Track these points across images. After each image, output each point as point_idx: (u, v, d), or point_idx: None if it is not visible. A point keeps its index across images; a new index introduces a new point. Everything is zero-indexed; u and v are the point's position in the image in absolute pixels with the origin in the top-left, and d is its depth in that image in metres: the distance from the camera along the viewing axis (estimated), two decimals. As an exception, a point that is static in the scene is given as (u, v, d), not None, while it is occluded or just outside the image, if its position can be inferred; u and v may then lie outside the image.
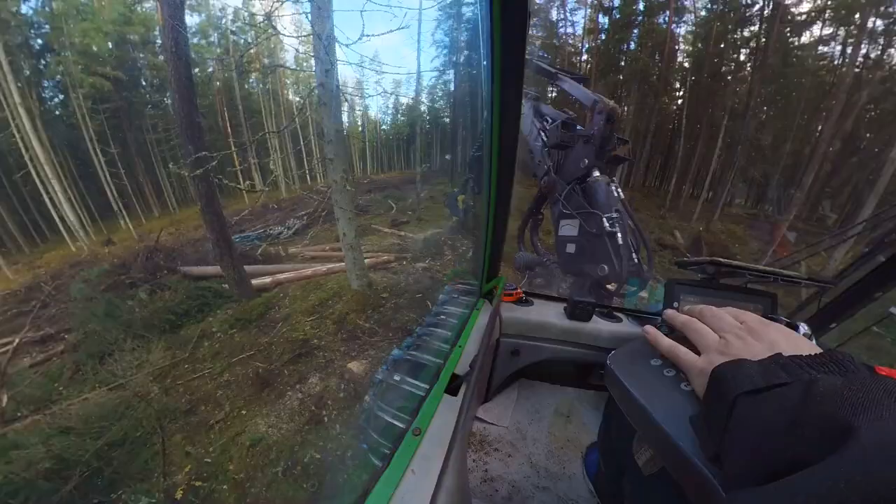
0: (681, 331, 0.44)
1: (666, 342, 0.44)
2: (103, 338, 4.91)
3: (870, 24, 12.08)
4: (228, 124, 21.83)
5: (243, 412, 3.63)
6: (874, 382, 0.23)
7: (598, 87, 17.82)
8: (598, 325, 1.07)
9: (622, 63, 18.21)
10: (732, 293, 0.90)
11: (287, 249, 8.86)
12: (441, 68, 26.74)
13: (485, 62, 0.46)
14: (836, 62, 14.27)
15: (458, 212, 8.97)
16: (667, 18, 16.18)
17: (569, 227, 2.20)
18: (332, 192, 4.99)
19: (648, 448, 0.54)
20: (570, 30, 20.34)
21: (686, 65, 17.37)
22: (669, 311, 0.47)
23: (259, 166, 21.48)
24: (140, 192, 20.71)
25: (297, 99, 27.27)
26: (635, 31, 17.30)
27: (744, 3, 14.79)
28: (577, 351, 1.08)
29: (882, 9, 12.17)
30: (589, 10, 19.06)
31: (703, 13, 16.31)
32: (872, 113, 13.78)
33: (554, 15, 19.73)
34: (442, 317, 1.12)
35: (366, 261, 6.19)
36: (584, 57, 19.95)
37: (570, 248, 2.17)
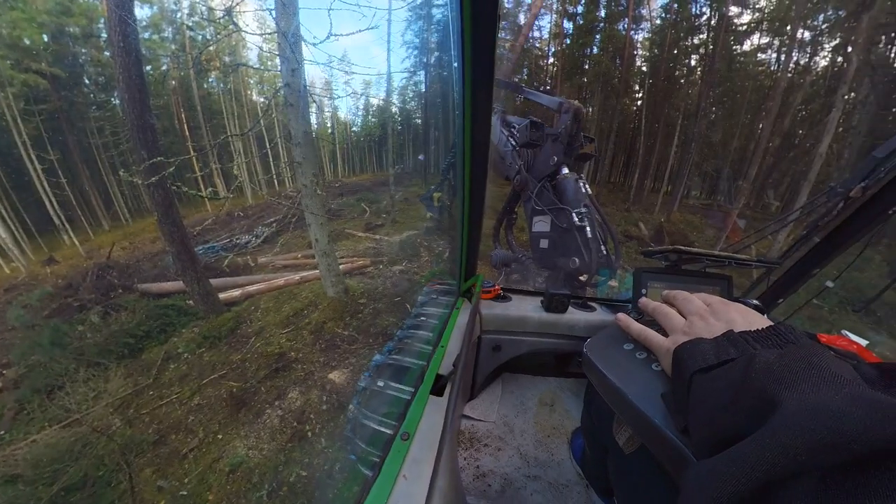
0: (652, 316, 0.47)
1: (636, 327, 0.47)
2: (50, 370, 4.45)
3: (799, 35, 13.58)
4: (186, 127, 20.27)
5: (219, 436, 3.42)
6: (801, 354, 0.26)
7: (564, 89, 18.62)
8: (574, 315, 1.11)
9: (586, 66, 19.09)
10: (693, 277, 0.97)
11: (256, 259, 8.44)
12: (412, 69, 26.58)
13: (456, 64, 0.46)
14: (772, 68, 15.99)
15: (434, 209, 8.96)
16: (626, 25, 17.26)
17: (541, 224, 2.26)
18: (301, 196, 4.82)
19: (627, 428, 0.57)
20: (537, 34, 21.03)
21: (644, 68, 18.51)
22: (643, 300, 0.49)
23: (222, 171, 20.31)
24: (86, 204, 18.79)
25: (262, 99, 26.01)
26: (597, 36, 18.25)
27: (693, 13, 16.19)
28: (555, 342, 1.12)
29: (809, 22, 13.73)
30: (554, 16, 19.82)
31: (658, 21, 17.63)
32: (804, 113, 15.47)
33: (522, 19, 20.33)
34: (422, 318, 1.12)
35: (340, 267, 6.02)
36: (551, 60, 20.67)
37: (544, 243, 2.23)
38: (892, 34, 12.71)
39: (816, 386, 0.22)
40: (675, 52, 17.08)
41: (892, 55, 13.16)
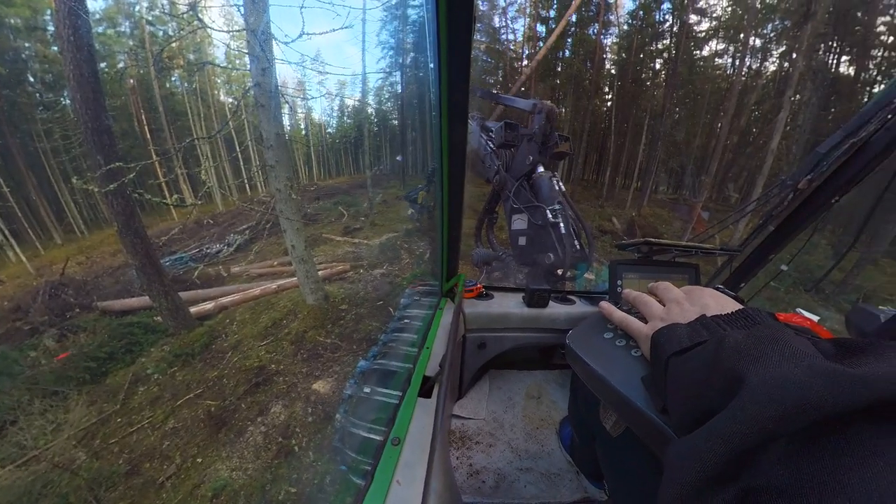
0: (633, 305, 0.49)
1: (618, 314, 0.49)
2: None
3: (751, 42, 14.71)
4: (147, 129, 18.84)
5: (199, 460, 3.22)
6: (766, 332, 0.27)
7: (538, 90, 19.13)
8: (555, 309, 1.14)
9: (559, 69, 19.71)
10: (664, 267, 1.03)
11: (229, 269, 8.06)
12: (388, 69, 26.35)
13: (432, 65, 0.46)
14: (728, 71, 17.26)
15: (416, 207, 8.93)
16: (596, 30, 18.05)
17: (519, 222, 2.30)
18: (275, 201, 4.65)
19: (612, 413, 0.59)
20: (511, 36, 21.44)
21: (613, 71, 19.40)
22: (626, 291, 0.51)
23: (189, 177, 19.25)
24: (34, 215, 17.17)
25: (231, 100, 24.82)
26: (569, 40, 18.91)
27: (658, 20, 17.28)
28: (538, 336, 1.14)
29: (759, 30, 14.97)
30: (528, 20, 20.26)
31: (625, 27, 18.59)
32: (756, 113, 16.76)
33: (496, 22, 20.71)
34: (406, 321, 1.11)
35: (319, 273, 5.87)
36: (525, 62, 21.15)
37: (522, 240, 2.28)
38: (830, 43, 14.27)
39: (779, 361, 0.23)
40: (641, 56, 18.11)
41: (830, 61, 14.67)
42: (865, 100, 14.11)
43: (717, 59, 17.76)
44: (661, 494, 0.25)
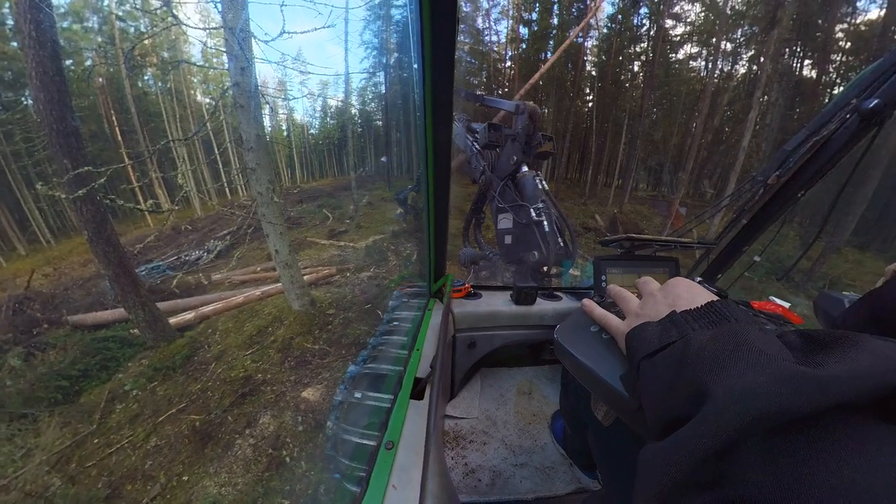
0: (614, 300, 0.50)
1: (599, 311, 0.49)
2: (-41, 431, 3.76)
3: (723, 46, 15.50)
4: (118, 131, 17.90)
5: (185, 478, 3.08)
6: (730, 334, 0.27)
7: (521, 91, 19.47)
8: (543, 306, 1.16)
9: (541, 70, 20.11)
10: (645, 261, 1.07)
11: (210, 276, 7.79)
12: (371, 70, 26.03)
13: (416, 65, 0.46)
14: (702, 74, 18.03)
15: (406, 207, 8.88)
16: (576, 33, 18.58)
17: (505, 221, 2.32)
18: (257, 205, 4.53)
19: (603, 403, 0.61)
20: (494, 38, 21.67)
21: (593, 73, 19.88)
22: (611, 286, 0.52)
23: (164, 181, 18.46)
24: (-7, 225, 16.27)
25: (208, 101, 23.87)
26: (551, 42, 19.33)
27: (635, 24, 17.85)
28: (527, 332, 1.16)
29: (730, 35, 15.77)
30: (511, 22, 20.55)
31: (604, 30, 19.06)
32: (729, 113, 17.68)
33: (480, 23, 20.90)
34: (395, 323, 1.10)
35: (305, 278, 5.75)
36: (508, 63, 21.42)
37: (508, 239, 2.30)
38: (794, 48, 15.23)
39: (743, 368, 0.23)
40: (620, 58, 18.68)
41: (794, 65, 15.69)
42: (826, 100, 15.07)
43: (691, 62, 18.64)
44: (634, 496, 0.25)
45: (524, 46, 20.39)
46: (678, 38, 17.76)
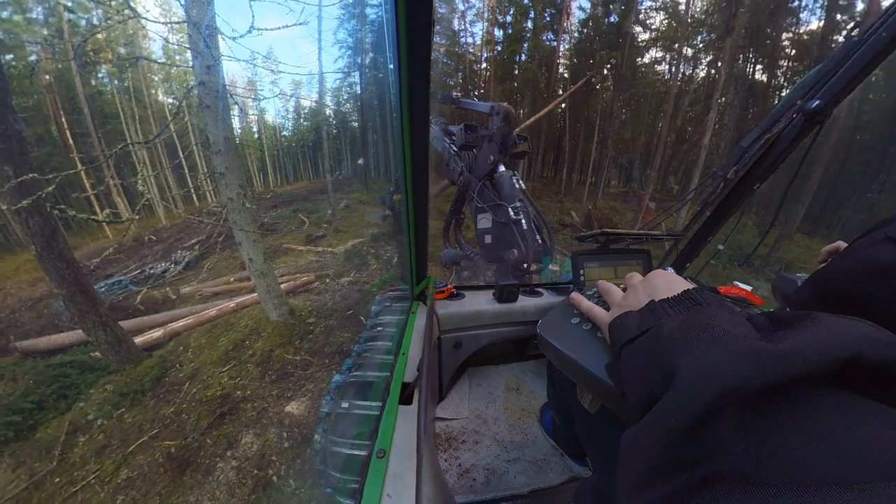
0: (601, 294, 0.51)
1: (585, 303, 0.51)
2: None
3: (684, 52, 16.83)
4: (69, 134, 16.28)
5: None
6: (700, 317, 0.28)
7: (497, 93, 19.88)
8: (525, 302, 1.19)
9: (516, 72, 20.55)
10: (620, 254, 1.12)
11: (179, 290, 7.36)
12: (346, 70, 25.48)
13: (392, 66, 0.45)
14: (666, 77, 19.18)
15: (396, 211, 8.81)
16: (550, 36, 19.30)
17: (484, 221, 2.35)
18: (227, 212, 4.33)
19: (588, 392, 0.63)
20: (469, 40, 21.91)
21: (566, 75, 20.59)
22: (600, 282, 0.54)
23: (123, 188, 17.27)
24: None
25: (171, 100, 22.46)
26: (525, 45, 19.88)
27: (604, 30, 18.65)
28: (511, 329, 1.17)
29: (690, 41, 17.05)
30: (486, 24, 20.85)
31: (576, 35, 19.87)
32: (690, 113, 18.90)
33: (455, 25, 21.07)
34: (379, 328, 1.09)
35: (282, 286, 5.55)
36: (484, 65, 21.72)
37: (488, 238, 2.33)
38: (747, 54, 16.58)
39: (707, 347, 0.24)
40: (591, 61, 19.41)
41: (747, 69, 17.04)
42: (776, 102, 16.40)
43: (656, 66, 19.83)
44: (618, 480, 0.26)
45: (499, 48, 20.78)
46: (644, 43, 18.82)
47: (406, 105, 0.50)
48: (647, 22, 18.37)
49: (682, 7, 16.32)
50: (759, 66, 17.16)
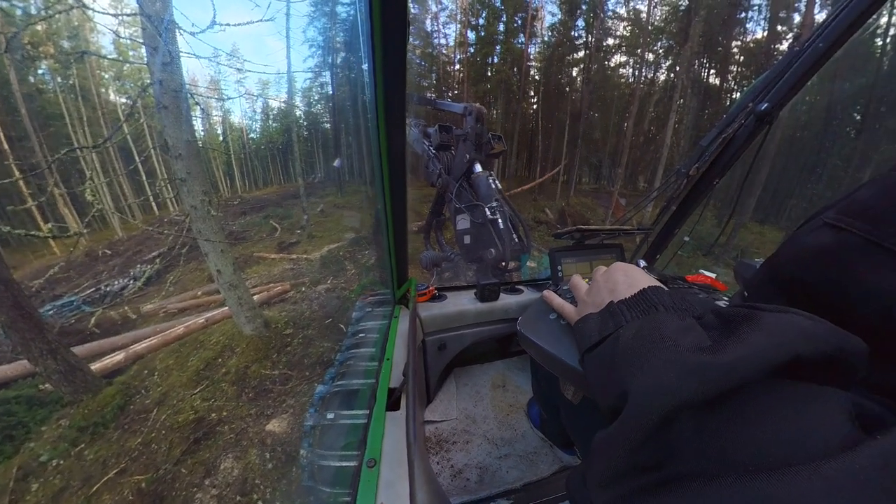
0: (571, 290, 0.52)
1: (557, 301, 0.52)
2: None
3: (647, 57, 17.94)
4: (3, 137, 14.56)
5: None
6: (652, 327, 0.29)
7: (471, 94, 20.16)
8: (506, 300, 1.20)
9: (489, 74, 20.94)
10: (594, 249, 1.16)
11: (139, 308, 6.82)
12: (316, 69, 24.76)
13: (365, 66, 0.44)
14: (631, 80, 20.24)
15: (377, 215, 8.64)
16: (521, 39, 19.77)
17: (463, 221, 2.37)
18: (191, 221, 4.07)
19: (570, 384, 0.64)
20: (443, 41, 22.05)
21: (537, 77, 21.20)
22: (573, 277, 0.54)
23: (71, 198, 15.85)
24: None
25: (124, 100, 20.73)
26: (497, 47, 20.32)
27: (574, 35, 19.61)
28: (494, 328, 1.19)
29: (652, 47, 18.18)
30: (459, 26, 21.05)
31: (546, 38, 20.51)
32: (653, 114, 19.95)
33: (429, 26, 21.14)
34: (361, 335, 1.06)
35: (255, 297, 5.30)
36: (457, 67, 21.93)
37: (467, 239, 2.35)
38: (702, 60, 18.03)
39: (656, 367, 0.25)
40: (561, 64, 20.14)
41: (703, 74, 18.55)
42: (728, 104, 17.78)
43: (621, 70, 20.95)
44: (587, 476, 0.27)
45: (472, 50, 21.06)
46: (610, 48, 19.86)
47: (382, 105, 0.49)
48: (612, 29, 19.41)
49: (644, 15, 17.45)
50: (712, 71, 18.66)
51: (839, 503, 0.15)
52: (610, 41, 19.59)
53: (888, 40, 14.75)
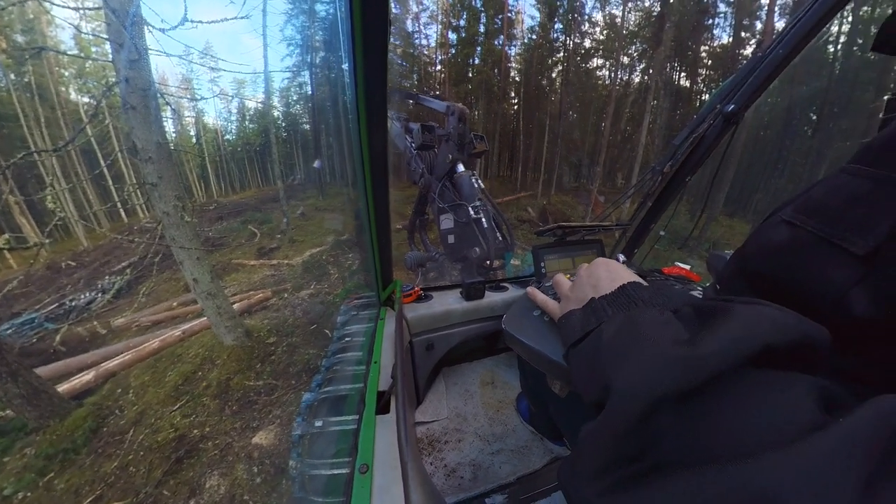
0: (553, 287, 0.53)
1: (540, 297, 0.53)
2: None
3: (622, 60, 18.68)
4: None
5: None
6: (633, 323, 0.30)
7: (452, 94, 20.29)
8: (492, 298, 1.22)
9: (470, 75, 21.14)
10: (576, 245, 1.20)
11: (110, 323, 6.43)
12: (295, 68, 24.07)
13: (346, 66, 0.43)
14: (607, 82, 20.92)
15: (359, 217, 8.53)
16: (502, 41, 20.15)
17: (447, 221, 2.38)
18: (164, 228, 3.88)
19: (556, 379, 0.66)
20: (424, 41, 22.07)
21: (517, 78, 21.57)
22: (557, 275, 0.55)
23: (28, 205, 14.79)
24: None
25: (87, 100, 19.57)
26: (478, 48, 20.56)
27: (553, 37, 20.10)
28: (481, 326, 1.20)
29: (627, 50, 18.92)
30: (440, 27, 21.12)
31: (526, 41, 20.97)
32: (629, 115, 20.71)
33: (409, 26, 21.08)
34: (347, 339, 1.04)
35: (234, 306, 5.11)
36: (438, 67, 21.99)
37: (451, 238, 2.36)
38: (674, 63, 18.97)
39: (637, 362, 0.26)
40: (541, 66, 20.61)
41: (675, 77, 19.53)
42: (698, 105, 18.71)
43: (598, 72, 21.67)
44: (575, 468, 0.28)
45: (453, 51, 21.16)
46: (588, 51, 20.50)
47: (363, 106, 0.48)
48: (589, 32, 20.09)
49: (619, 20, 18.17)
50: (683, 74, 19.66)
51: (812, 483, 0.15)
52: (588, 43, 20.25)
53: (839, 47, 15.96)
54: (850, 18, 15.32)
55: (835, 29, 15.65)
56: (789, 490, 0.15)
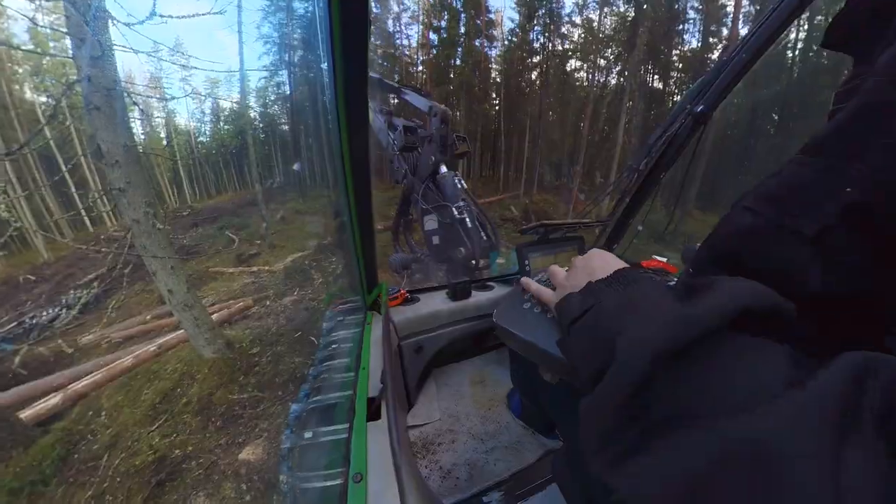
0: (549, 277, 0.55)
1: (535, 286, 0.54)
2: None
3: (599, 62, 19.57)
4: None
5: None
6: (634, 294, 0.33)
7: (433, 95, 20.35)
8: (478, 297, 1.23)
9: (451, 75, 21.26)
10: (558, 242, 1.23)
11: (76, 340, 6.00)
12: (272, 67, 23.35)
13: (325, 65, 0.42)
14: (585, 83, 21.58)
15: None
16: (483, 42, 20.44)
17: (431, 222, 2.37)
18: (133, 236, 3.68)
19: (547, 368, 0.67)
20: (406, 42, 21.96)
21: (498, 80, 21.88)
22: (551, 266, 0.56)
23: (-22, 220, 13.69)
24: None
25: (45, 99, 18.29)
26: (459, 49, 20.67)
27: (532, 39, 20.58)
28: (468, 325, 1.21)
29: (603, 53, 19.61)
30: (421, 27, 21.10)
31: (506, 42, 21.36)
32: (606, 115, 21.43)
33: (390, 26, 20.90)
34: (334, 346, 1.03)
35: (213, 317, 4.90)
36: (420, 68, 21.94)
37: (436, 239, 2.36)
38: (647, 66, 19.69)
39: (640, 322, 0.28)
40: (521, 67, 21.05)
41: (648, 79, 20.27)
42: (670, 106, 19.56)
43: (577, 74, 22.34)
44: (582, 444, 0.30)
45: (434, 52, 21.19)
46: (566, 52, 21.05)
47: (343, 106, 0.48)
48: (567, 34, 20.66)
49: (596, 24, 18.89)
50: (656, 76, 20.54)
51: (792, 433, 0.18)
52: (567, 45, 20.80)
53: (797, 53, 17.18)
54: (806, 27, 16.42)
55: (793, 35, 16.76)
56: (779, 438, 0.18)
